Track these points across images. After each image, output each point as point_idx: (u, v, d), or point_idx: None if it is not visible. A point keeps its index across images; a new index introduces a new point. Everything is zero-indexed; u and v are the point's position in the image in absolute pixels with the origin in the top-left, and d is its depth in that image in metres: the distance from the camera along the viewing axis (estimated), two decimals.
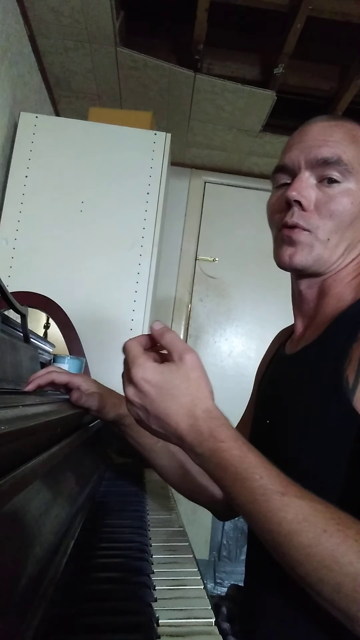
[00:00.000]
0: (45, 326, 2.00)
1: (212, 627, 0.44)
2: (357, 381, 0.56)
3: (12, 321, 1.00)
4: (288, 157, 0.69)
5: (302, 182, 0.66)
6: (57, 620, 0.41)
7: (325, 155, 0.65)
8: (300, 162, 0.66)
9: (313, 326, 0.71)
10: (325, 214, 0.65)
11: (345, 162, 0.64)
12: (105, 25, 1.73)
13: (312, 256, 0.66)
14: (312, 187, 0.66)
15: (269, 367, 0.84)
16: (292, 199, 0.65)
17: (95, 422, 0.89)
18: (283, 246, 0.68)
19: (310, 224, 0.65)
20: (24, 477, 0.36)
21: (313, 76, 2.09)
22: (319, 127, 0.68)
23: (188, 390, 0.51)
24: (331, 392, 0.58)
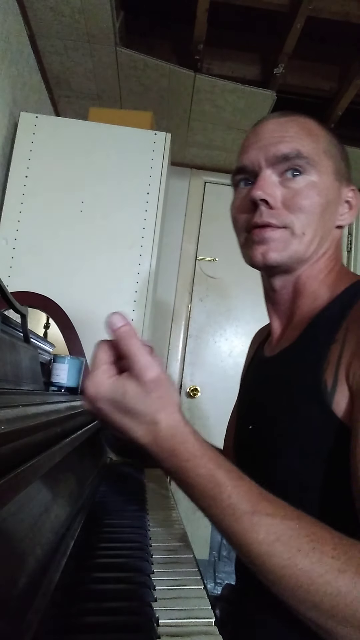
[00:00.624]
0: (45, 326, 2.00)
1: (212, 627, 0.44)
2: (335, 385, 0.55)
3: (12, 321, 1.00)
4: (247, 157, 0.68)
5: (265, 181, 0.64)
6: (57, 620, 0.41)
7: (284, 151, 0.64)
8: (260, 161, 0.66)
9: (290, 327, 0.70)
10: (295, 208, 0.64)
11: (305, 155, 0.64)
12: (105, 25, 1.73)
13: (287, 252, 0.65)
14: (276, 184, 0.65)
15: (250, 368, 0.84)
16: (258, 198, 0.64)
17: (95, 422, 0.88)
18: (254, 246, 0.66)
19: (283, 220, 0.64)
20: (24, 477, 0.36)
21: (313, 76, 2.09)
22: (272, 124, 0.67)
23: (147, 409, 0.46)
24: (311, 396, 0.57)
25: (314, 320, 0.64)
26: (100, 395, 0.46)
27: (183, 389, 2.55)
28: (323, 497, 0.55)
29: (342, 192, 0.69)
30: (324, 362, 0.57)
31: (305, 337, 0.64)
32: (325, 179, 0.66)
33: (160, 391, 0.46)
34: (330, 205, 0.66)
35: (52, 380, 1.21)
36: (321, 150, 0.66)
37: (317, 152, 0.65)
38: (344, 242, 2.72)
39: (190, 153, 2.58)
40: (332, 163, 0.67)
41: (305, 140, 0.65)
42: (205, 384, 2.53)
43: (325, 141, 0.67)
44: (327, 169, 0.66)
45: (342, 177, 0.69)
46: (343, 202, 0.69)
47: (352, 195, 0.70)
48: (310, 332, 0.64)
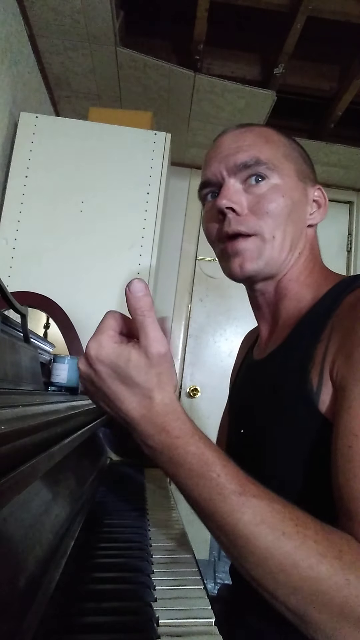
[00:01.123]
0: (45, 326, 2.00)
1: (212, 627, 0.44)
2: (320, 384, 0.55)
3: (12, 321, 1.00)
4: (209, 171, 0.69)
5: (229, 189, 0.66)
6: (57, 620, 0.41)
7: (243, 159, 0.66)
8: (222, 172, 0.67)
9: (277, 330, 0.70)
10: (261, 213, 0.65)
11: (264, 161, 0.65)
12: (105, 25, 1.73)
13: (262, 260, 0.66)
14: (240, 192, 0.66)
15: (239, 372, 0.84)
16: (224, 206, 0.65)
17: (95, 422, 0.88)
18: (230, 259, 0.67)
19: (251, 227, 0.65)
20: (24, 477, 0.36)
21: (313, 76, 2.09)
22: (230, 136, 0.70)
23: (146, 381, 0.45)
24: (298, 398, 0.57)
25: (300, 321, 0.65)
26: (102, 357, 0.45)
27: (183, 389, 2.55)
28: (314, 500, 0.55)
29: (308, 192, 0.70)
30: (309, 362, 0.58)
31: (291, 339, 0.65)
32: (288, 181, 0.67)
33: (162, 367, 0.45)
34: (296, 205, 0.67)
35: (52, 380, 1.21)
36: (280, 155, 0.67)
37: (277, 156, 0.67)
38: (344, 242, 2.72)
39: (190, 153, 2.58)
40: (294, 165, 0.68)
41: (263, 147, 0.67)
42: (205, 384, 2.53)
43: (284, 146, 0.69)
44: (288, 171, 0.67)
45: (305, 177, 0.70)
46: (310, 201, 0.70)
47: (319, 194, 0.71)
48: (297, 333, 0.64)
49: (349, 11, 1.66)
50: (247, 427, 0.69)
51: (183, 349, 2.58)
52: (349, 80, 1.96)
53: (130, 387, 0.45)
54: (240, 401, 0.77)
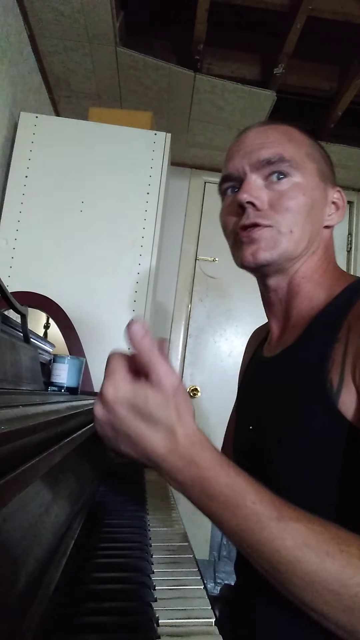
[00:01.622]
0: (45, 326, 2.00)
1: (212, 627, 0.44)
2: (341, 384, 0.55)
3: (12, 321, 1.00)
4: (231, 165, 0.70)
5: (251, 184, 0.66)
6: (57, 620, 0.41)
7: (266, 155, 0.66)
8: (245, 167, 0.68)
9: (289, 328, 0.70)
10: (281, 209, 0.65)
11: (287, 159, 0.66)
12: (105, 25, 1.73)
13: (276, 251, 0.66)
14: (262, 187, 0.67)
15: (248, 369, 0.84)
16: (245, 200, 0.65)
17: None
18: (243, 247, 0.67)
19: (269, 219, 0.65)
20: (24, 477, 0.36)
21: (313, 76, 2.09)
22: (254, 132, 0.70)
23: (167, 415, 0.44)
24: (315, 396, 0.57)
25: (314, 320, 0.64)
26: (120, 398, 0.44)
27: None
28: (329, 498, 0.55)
29: (327, 193, 0.70)
30: (327, 361, 0.57)
31: (305, 337, 0.64)
32: (310, 180, 0.67)
33: (178, 399, 0.45)
34: (316, 204, 0.68)
35: (52, 380, 1.21)
36: (303, 154, 0.68)
37: (300, 155, 0.67)
38: (344, 242, 2.72)
39: (190, 153, 2.58)
40: (316, 165, 0.69)
41: (287, 145, 0.67)
42: (205, 384, 2.53)
43: (307, 145, 0.69)
44: (310, 170, 0.68)
45: (326, 178, 0.70)
46: (329, 202, 0.71)
47: (338, 196, 0.72)
48: (311, 332, 0.64)
49: (349, 11, 1.66)
50: (257, 423, 0.69)
51: (183, 349, 2.58)
52: (349, 80, 1.96)
53: (152, 424, 0.44)
54: (250, 398, 0.77)
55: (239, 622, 0.67)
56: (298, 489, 0.58)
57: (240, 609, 0.67)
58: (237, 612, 0.68)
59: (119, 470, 1.13)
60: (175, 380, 0.45)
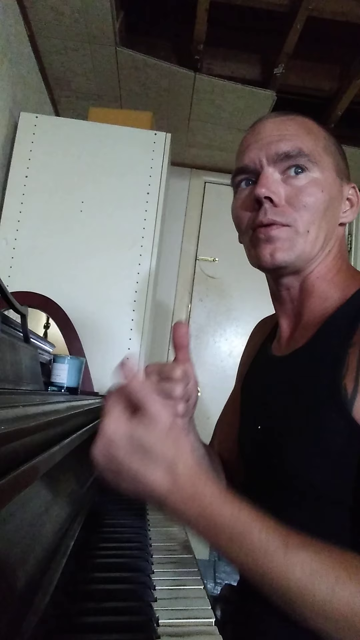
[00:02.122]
0: (45, 326, 2.00)
1: (212, 627, 0.44)
2: (356, 390, 0.54)
3: (12, 321, 1.00)
4: (247, 157, 0.67)
5: (268, 178, 0.64)
6: (57, 620, 0.41)
7: (285, 149, 0.64)
8: (262, 160, 0.65)
9: (301, 327, 0.68)
10: (299, 206, 0.63)
11: (306, 153, 0.64)
12: (105, 25, 1.73)
13: (294, 251, 0.64)
14: (279, 182, 0.64)
15: (254, 365, 0.82)
16: (262, 195, 0.63)
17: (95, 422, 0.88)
18: (261, 245, 0.65)
19: (287, 218, 0.63)
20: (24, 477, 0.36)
21: (313, 76, 2.09)
22: (271, 122, 0.67)
23: (165, 452, 0.44)
24: (329, 402, 0.56)
25: (328, 321, 0.63)
26: (119, 437, 0.44)
27: None
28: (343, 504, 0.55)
29: (343, 189, 0.69)
30: (342, 366, 0.56)
31: (318, 338, 0.63)
32: (328, 176, 0.65)
33: (175, 434, 0.45)
34: (333, 201, 0.66)
35: (52, 380, 1.21)
36: (321, 148, 0.66)
37: (318, 149, 0.65)
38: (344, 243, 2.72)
39: (190, 153, 2.58)
40: (333, 160, 0.67)
41: (305, 138, 0.65)
42: (205, 384, 2.53)
43: (324, 139, 0.67)
44: (328, 165, 0.66)
45: (342, 173, 0.69)
46: (345, 199, 0.69)
47: (353, 193, 0.70)
48: (324, 333, 0.63)
49: (349, 11, 1.66)
50: (266, 423, 0.68)
51: None
52: (349, 80, 1.96)
53: (152, 461, 0.44)
54: (257, 396, 0.75)
55: (240, 622, 0.67)
56: (312, 494, 0.57)
57: (242, 609, 0.67)
58: (239, 612, 0.68)
59: None
60: (169, 417, 0.45)
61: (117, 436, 0.44)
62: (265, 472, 0.65)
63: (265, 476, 0.65)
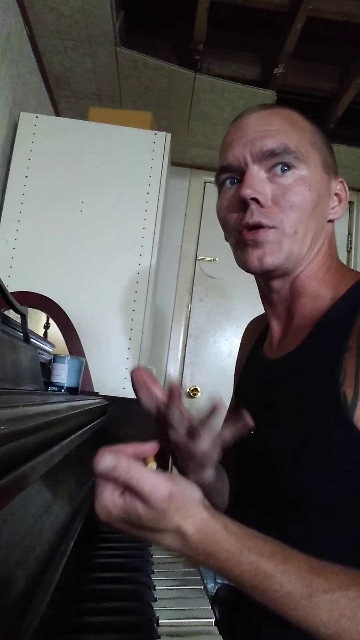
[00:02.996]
0: (45, 326, 2.00)
1: (212, 627, 0.44)
2: (356, 397, 0.53)
3: (12, 321, 1.00)
4: (231, 154, 0.64)
5: (254, 178, 0.61)
6: (57, 620, 0.41)
7: (270, 146, 0.61)
8: (246, 158, 0.63)
9: (293, 328, 0.67)
10: (286, 206, 0.61)
11: (292, 150, 0.61)
12: (105, 25, 1.73)
13: (282, 254, 0.62)
14: (265, 181, 0.62)
15: (246, 368, 0.80)
16: (248, 197, 0.60)
17: (95, 422, 0.88)
18: (248, 250, 0.63)
19: (273, 219, 0.61)
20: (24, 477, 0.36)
21: (313, 76, 2.09)
22: (255, 117, 0.64)
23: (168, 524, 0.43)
24: (327, 408, 0.55)
25: (320, 322, 0.62)
26: (113, 519, 0.44)
27: (183, 389, 2.55)
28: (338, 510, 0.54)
29: (331, 185, 0.66)
30: (339, 372, 0.55)
31: (312, 341, 0.61)
32: (315, 172, 0.63)
33: (176, 503, 0.43)
34: (320, 199, 0.64)
35: (52, 380, 1.21)
36: (307, 143, 0.63)
37: (304, 144, 0.63)
38: (344, 242, 2.72)
39: (190, 153, 2.58)
40: (320, 155, 0.65)
41: (291, 133, 0.62)
42: (205, 384, 2.53)
43: (311, 133, 0.65)
44: (315, 161, 0.63)
45: (329, 169, 0.66)
46: (333, 195, 0.67)
47: (341, 188, 0.68)
48: (317, 335, 0.61)
49: (349, 11, 1.66)
50: (261, 429, 0.65)
51: (183, 349, 2.58)
52: (349, 80, 1.95)
53: (157, 532, 0.44)
54: (250, 400, 0.72)
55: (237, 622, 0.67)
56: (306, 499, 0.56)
57: (239, 609, 0.67)
58: (236, 613, 0.68)
59: None
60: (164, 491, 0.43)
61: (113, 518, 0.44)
62: (261, 482, 0.63)
63: (261, 486, 0.63)
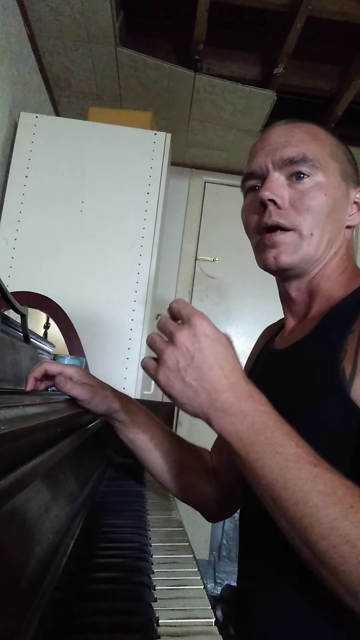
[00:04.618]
0: (45, 326, 2.00)
1: (212, 627, 0.44)
2: (354, 372, 0.56)
3: (12, 321, 1.00)
4: (255, 162, 0.70)
5: (273, 182, 0.67)
6: (57, 620, 0.41)
7: (289, 154, 0.67)
8: (268, 165, 0.68)
9: (304, 322, 0.71)
10: (302, 209, 0.66)
11: (310, 158, 0.66)
12: (105, 25, 1.73)
13: (298, 254, 0.67)
14: (284, 185, 0.67)
15: (257, 362, 0.83)
16: (267, 198, 0.66)
17: (95, 422, 0.89)
18: (266, 250, 0.68)
19: (290, 221, 0.66)
20: (24, 477, 0.36)
21: (313, 76, 2.09)
22: (278, 130, 0.70)
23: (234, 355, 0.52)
24: (328, 386, 0.58)
25: (329, 313, 0.65)
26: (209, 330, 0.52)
27: None
28: None
29: (350, 193, 0.70)
30: (340, 351, 0.58)
31: (319, 329, 0.65)
32: (332, 180, 0.67)
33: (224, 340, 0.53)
34: (337, 204, 0.68)
35: None
36: (327, 154, 0.68)
37: (323, 155, 0.67)
38: None
39: (190, 153, 2.58)
40: (339, 165, 0.69)
41: (311, 144, 0.67)
42: None
43: (331, 145, 0.70)
44: (333, 170, 0.68)
45: (349, 178, 0.70)
46: (351, 202, 0.71)
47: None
48: (324, 325, 0.65)
49: (349, 11, 1.66)
50: None
51: None
52: (349, 80, 1.96)
53: (225, 358, 0.51)
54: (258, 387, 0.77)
55: (240, 622, 0.67)
56: None
57: (242, 609, 0.67)
58: (239, 613, 0.68)
59: (119, 470, 1.13)
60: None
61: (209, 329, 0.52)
62: None
63: None
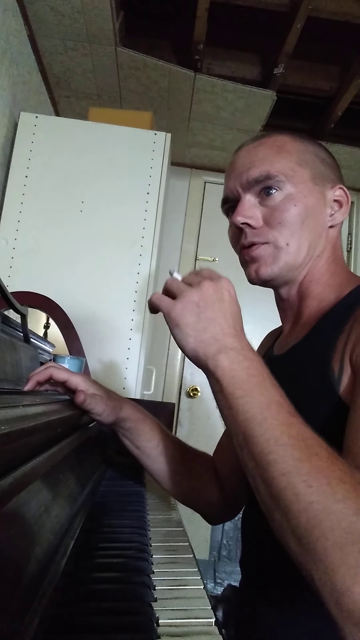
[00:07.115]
0: (45, 326, 2.00)
1: (212, 627, 0.44)
2: (342, 370, 0.57)
3: (12, 321, 1.00)
4: (227, 188, 0.73)
5: (244, 205, 0.70)
6: (57, 620, 0.41)
7: (254, 175, 0.69)
8: (237, 189, 0.71)
9: (299, 327, 0.72)
10: (275, 224, 0.68)
11: (274, 174, 0.68)
12: (105, 25, 1.73)
13: (277, 265, 0.69)
14: (256, 205, 0.70)
15: None
16: (239, 223, 0.69)
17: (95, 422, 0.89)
18: (247, 265, 0.72)
19: (265, 237, 0.68)
20: (24, 477, 0.36)
21: (313, 76, 2.09)
22: (244, 152, 0.72)
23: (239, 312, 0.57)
24: (319, 385, 0.59)
25: (322, 318, 0.66)
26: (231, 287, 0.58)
27: (183, 389, 2.55)
28: None
29: (326, 194, 0.71)
30: (332, 352, 0.59)
31: (313, 333, 0.67)
32: (302, 187, 0.68)
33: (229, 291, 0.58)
34: (311, 211, 0.69)
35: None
36: (294, 163, 0.69)
37: (290, 165, 0.69)
38: (344, 242, 2.72)
39: (190, 153, 2.58)
40: (308, 170, 0.69)
41: (275, 159, 0.69)
42: (205, 384, 2.51)
43: (298, 153, 0.70)
44: (302, 178, 0.69)
45: (323, 180, 0.70)
46: (330, 202, 0.71)
47: (341, 194, 0.72)
48: (318, 328, 0.66)
49: (349, 11, 1.66)
50: None
51: None
52: (349, 80, 1.96)
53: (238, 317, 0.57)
54: None
55: (242, 622, 0.67)
56: None
57: (244, 609, 0.67)
58: (241, 613, 0.68)
59: (119, 470, 1.13)
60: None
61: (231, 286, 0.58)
62: None
63: None
